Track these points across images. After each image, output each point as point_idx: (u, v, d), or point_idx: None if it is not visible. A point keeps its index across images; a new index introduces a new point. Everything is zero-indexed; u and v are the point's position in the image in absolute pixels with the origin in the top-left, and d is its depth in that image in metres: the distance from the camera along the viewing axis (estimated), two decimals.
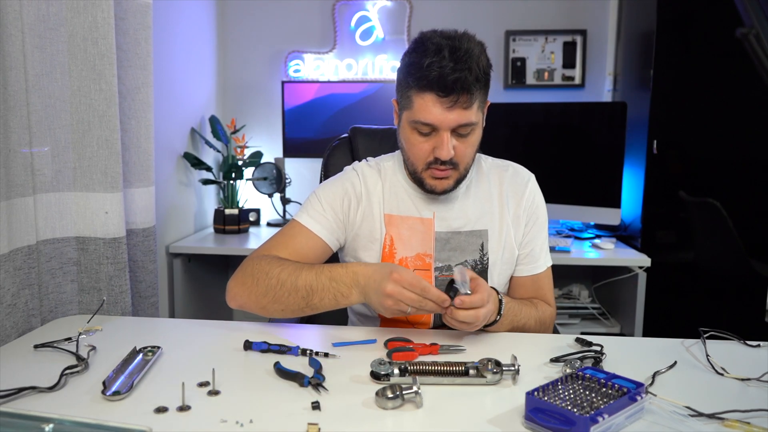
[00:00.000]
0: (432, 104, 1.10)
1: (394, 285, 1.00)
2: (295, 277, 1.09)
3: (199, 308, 2.54)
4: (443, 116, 1.10)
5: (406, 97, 1.15)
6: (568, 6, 2.76)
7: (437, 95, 1.09)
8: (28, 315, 1.22)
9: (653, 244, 2.37)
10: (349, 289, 1.07)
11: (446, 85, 1.07)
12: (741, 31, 0.89)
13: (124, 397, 0.86)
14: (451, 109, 1.10)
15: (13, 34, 1.16)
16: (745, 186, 2.30)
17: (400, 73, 1.18)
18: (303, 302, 1.09)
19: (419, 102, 1.11)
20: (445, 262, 1.24)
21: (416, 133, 1.15)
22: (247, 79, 2.89)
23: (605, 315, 2.55)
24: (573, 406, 0.77)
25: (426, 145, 1.15)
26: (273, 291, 1.10)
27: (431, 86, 1.09)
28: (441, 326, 1.26)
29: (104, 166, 1.33)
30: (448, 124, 1.11)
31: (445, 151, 1.12)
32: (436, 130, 1.13)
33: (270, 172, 2.70)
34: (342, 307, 1.11)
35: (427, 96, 1.10)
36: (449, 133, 1.12)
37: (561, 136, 2.55)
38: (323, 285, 1.08)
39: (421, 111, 1.11)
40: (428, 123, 1.12)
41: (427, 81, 1.08)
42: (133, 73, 1.43)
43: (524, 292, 1.29)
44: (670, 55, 2.30)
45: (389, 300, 1.01)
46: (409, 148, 1.18)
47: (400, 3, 2.80)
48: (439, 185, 1.19)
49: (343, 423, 0.80)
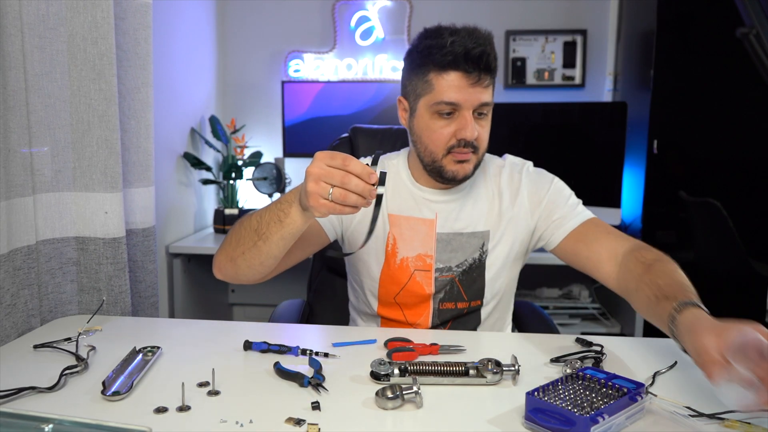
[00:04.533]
0: (457, 81, 1.11)
1: (315, 163, 0.92)
2: (250, 215, 1.09)
3: (198, 308, 2.54)
4: (468, 94, 1.11)
5: (423, 82, 1.14)
6: (568, 6, 2.76)
7: (463, 71, 1.10)
8: (27, 315, 1.22)
9: (653, 244, 2.35)
10: (290, 204, 1.00)
11: (472, 60, 1.09)
12: (741, 30, 0.89)
13: (123, 398, 0.85)
14: (474, 86, 1.11)
15: (13, 33, 1.16)
16: (745, 186, 2.30)
17: (412, 62, 1.17)
18: (255, 236, 1.05)
19: (441, 83, 1.12)
20: (445, 263, 1.23)
21: (437, 117, 1.14)
22: (247, 79, 2.89)
23: (605, 315, 2.55)
24: (573, 406, 0.77)
25: (448, 129, 1.14)
26: (236, 236, 1.09)
27: (456, 63, 1.10)
28: (436, 327, 1.26)
29: (104, 166, 1.33)
30: (471, 102, 1.12)
31: (470, 130, 1.12)
32: (458, 110, 1.13)
33: (270, 172, 2.70)
34: (290, 232, 1.02)
35: (451, 74, 1.11)
36: (471, 113, 1.13)
37: (561, 136, 2.55)
38: (270, 210, 1.04)
39: (444, 91, 1.12)
40: (452, 102, 1.12)
41: (453, 57, 1.09)
42: (133, 73, 1.42)
43: (593, 236, 1.20)
44: (670, 55, 2.30)
45: (311, 181, 0.91)
46: (429, 135, 1.16)
47: (400, 3, 2.80)
48: (461, 170, 1.17)
49: (343, 423, 0.79)
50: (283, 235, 1.02)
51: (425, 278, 1.23)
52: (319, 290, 1.57)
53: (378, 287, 1.26)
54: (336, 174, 0.89)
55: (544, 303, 2.59)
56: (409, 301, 1.25)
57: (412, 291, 1.24)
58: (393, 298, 1.25)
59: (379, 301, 1.27)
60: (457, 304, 1.25)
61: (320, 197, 0.91)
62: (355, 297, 1.35)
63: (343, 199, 0.90)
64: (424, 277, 1.23)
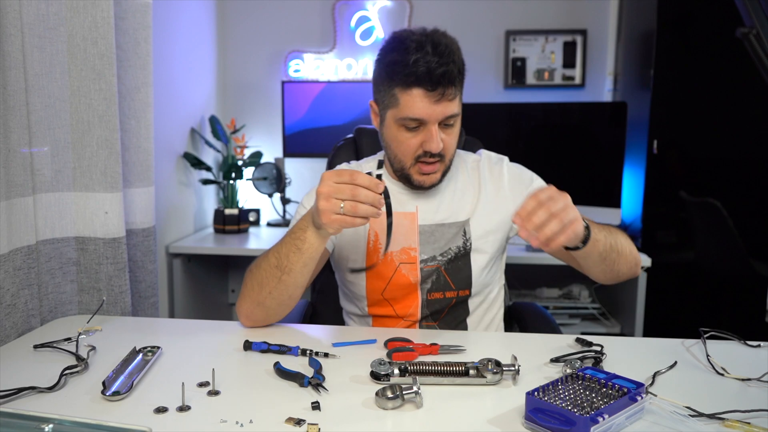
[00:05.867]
0: (420, 99, 1.13)
1: (323, 182, 0.98)
2: (267, 254, 1.11)
3: (198, 308, 2.54)
4: (431, 110, 1.13)
5: (390, 96, 1.17)
6: (568, 6, 2.76)
7: (425, 90, 1.12)
8: (27, 315, 1.22)
9: (653, 244, 2.37)
10: (304, 230, 1.06)
11: (434, 80, 1.10)
12: (741, 30, 0.89)
13: (123, 397, 0.85)
14: (438, 102, 1.13)
15: (13, 33, 1.16)
16: (745, 186, 2.30)
17: (380, 72, 1.19)
18: (278, 271, 1.08)
19: (406, 99, 1.14)
20: (429, 254, 1.25)
21: (403, 130, 1.17)
22: (247, 79, 2.89)
23: (605, 315, 2.55)
24: (573, 406, 0.77)
25: (414, 140, 1.17)
26: (257, 279, 1.11)
27: (419, 82, 1.11)
28: (426, 319, 1.26)
29: (104, 166, 1.33)
30: (436, 117, 1.14)
31: (435, 144, 1.15)
32: (423, 124, 1.15)
33: (270, 172, 2.70)
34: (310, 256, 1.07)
35: (414, 92, 1.13)
36: (437, 126, 1.15)
37: (561, 136, 2.55)
38: (285, 242, 1.08)
39: (408, 107, 1.14)
40: (417, 118, 1.14)
41: (415, 77, 1.11)
42: (133, 73, 1.42)
43: None
44: (670, 55, 2.30)
45: (321, 200, 0.97)
46: (396, 145, 1.20)
47: (400, 3, 2.80)
48: (428, 180, 1.21)
49: (343, 423, 0.80)
50: (305, 261, 1.07)
51: (411, 270, 1.25)
52: (322, 291, 1.57)
53: (365, 284, 1.27)
54: (345, 188, 0.95)
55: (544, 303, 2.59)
56: (397, 294, 1.26)
57: (399, 283, 1.25)
58: (381, 294, 1.26)
59: (367, 299, 1.28)
60: (446, 294, 1.26)
61: (332, 213, 0.96)
62: (346, 299, 1.37)
63: (354, 211, 0.95)
64: (410, 269, 1.25)
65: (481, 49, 2.79)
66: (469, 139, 1.56)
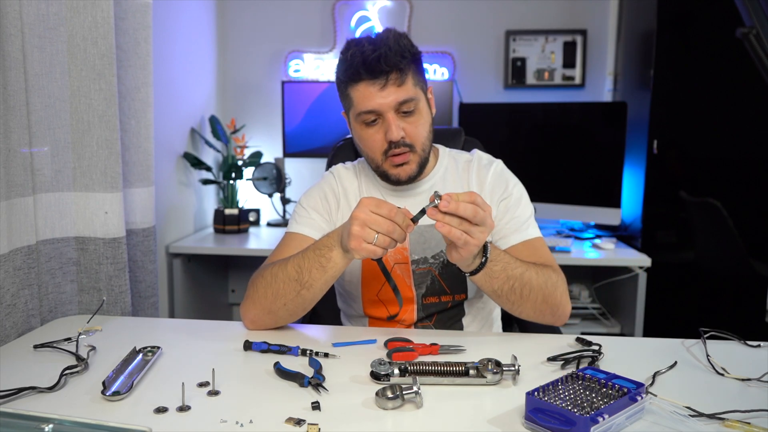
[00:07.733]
0: (366, 90, 1.14)
1: (361, 209, 0.98)
2: (285, 265, 1.10)
3: (198, 308, 2.54)
4: (380, 98, 1.14)
5: (345, 97, 1.20)
6: (568, 6, 2.76)
7: (368, 80, 1.13)
8: (27, 315, 1.22)
9: (653, 244, 2.37)
10: (330, 249, 1.05)
11: (371, 67, 1.12)
12: (741, 30, 0.89)
13: (123, 398, 0.85)
14: (384, 89, 1.14)
15: (13, 33, 1.16)
16: (745, 186, 2.30)
17: (336, 80, 1.22)
18: (297, 285, 1.08)
19: (355, 94, 1.16)
20: (421, 255, 1.26)
21: (365, 126, 1.19)
22: (247, 79, 2.89)
23: (606, 315, 2.55)
24: (573, 406, 0.77)
25: (377, 135, 1.18)
26: (272, 288, 1.10)
27: (359, 73, 1.13)
28: (421, 320, 1.26)
29: (104, 166, 1.33)
30: (388, 104, 1.14)
31: (394, 130, 1.15)
32: (380, 116, 1.16)
33: (270, 172, 2.70)
34: (332, 275, 1.07)
35: (359, 85, 1.15)
36: (393, 114, 1.15)
37: (561, 136, 2.55)
38: (308, 258, 1.08)
39: (359, 101, 1.16)
40: (370, 110, 1.15)
41: (354, 69, 1.14)
42: (133, 73, 1.42)
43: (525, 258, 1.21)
44: (670, 55, 2.30)
45: (356, 225, 0.97)
46: (363, 144, 1.22)
47: (400, 3, 2.80)
48: (402, 172, 1.21)
49: (343, 423, 0.80)
50: (326, 279, 1.08)
51: (404, 270, 1.25)
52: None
53: (360, 286, 1.28)
54: (382, 222, 0.96)
55: None
56: (392, 296, 1.26)
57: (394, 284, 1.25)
58: (376, 295, 1.26)
59: (363, 301, 1.28)
60: (441, 298, 1.26)
61: (364, 241, 0.97)
62: (342, 300, 1.37)
63: (385, 245, 0.98)
64: (404, 269, 1.25)
65: (481, 49, 2.80)
66: (468, 139, 1.56)
